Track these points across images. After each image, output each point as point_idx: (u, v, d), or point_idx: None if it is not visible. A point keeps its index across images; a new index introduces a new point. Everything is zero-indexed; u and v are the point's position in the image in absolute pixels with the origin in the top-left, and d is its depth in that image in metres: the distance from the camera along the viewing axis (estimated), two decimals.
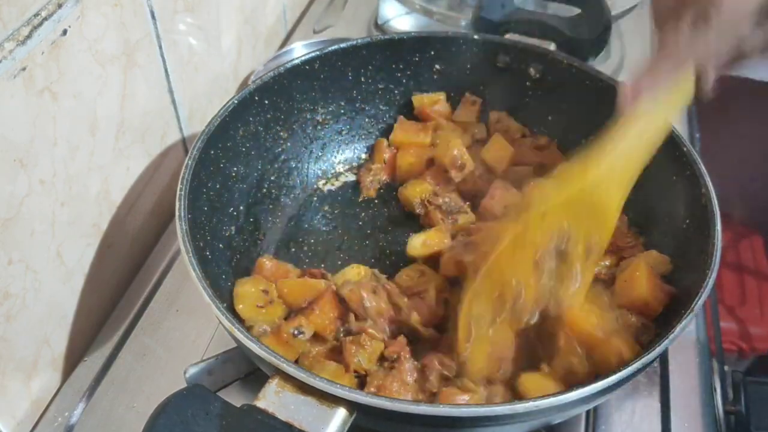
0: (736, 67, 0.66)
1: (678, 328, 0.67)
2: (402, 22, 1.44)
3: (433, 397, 0.71)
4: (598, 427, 0.83)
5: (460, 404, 0.67)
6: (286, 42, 1.42)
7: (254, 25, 1.26)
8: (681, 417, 0.84)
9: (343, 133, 1.08)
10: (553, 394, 0.61)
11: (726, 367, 0.95)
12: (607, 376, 0.63)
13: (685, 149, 0.85)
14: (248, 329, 0.75)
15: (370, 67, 1.04)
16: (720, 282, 1.93)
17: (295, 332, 0.75)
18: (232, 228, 0.91)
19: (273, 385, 0.63)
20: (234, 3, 1.17)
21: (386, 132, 1.09)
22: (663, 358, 0.90)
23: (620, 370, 0.64)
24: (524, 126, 1.05)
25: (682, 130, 1.00)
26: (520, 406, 0.60)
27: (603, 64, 1.36)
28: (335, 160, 1.08)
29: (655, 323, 0.79)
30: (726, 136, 1.90)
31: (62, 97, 0.77)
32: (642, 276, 0.79)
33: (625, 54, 1.41)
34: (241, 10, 1.20)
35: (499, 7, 1.08)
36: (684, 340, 0.93)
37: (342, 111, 1.06)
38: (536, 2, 1.31)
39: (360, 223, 1.02)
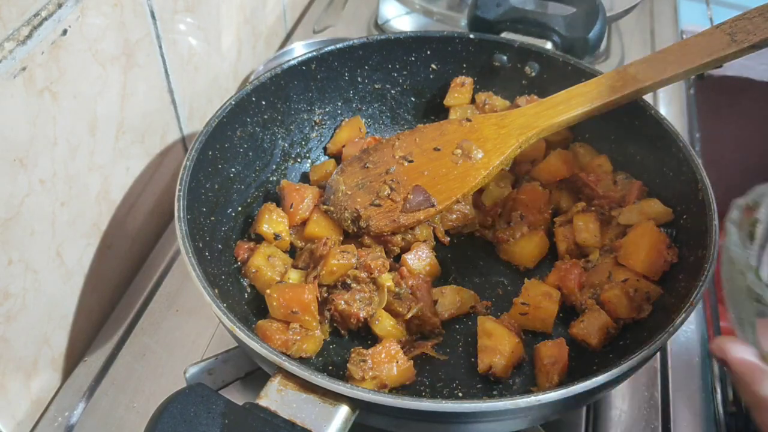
0: None
1: (678, 322, 0.67)
2: (402, 22, 1.44)
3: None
4: (597, 426, 0.83)
5: (462, 400, 0.67)
6: (286, 42, 1.42)
7: (254, 25, 1.26)
8: (681, 417, 0.84)
9: None
10: (554, 390, 0.61)
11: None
12: (607, 370, 0.63)
13: (681, 144, 0.86)
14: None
15: (366, 68, 1.04)
16: (720, 281, 1.93)
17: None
18: (231, 228, 0.91)
19: (275, 383, 0.63)
20: (234, 3, 1.17)
21: (382, 132, 1.09)
22: (663, 359, 0.90)
23: (621, 364, 0.64)
24: (510, 102, 1.05)
25: (681, 130, 1.00)
26: (522, 401, 0.60)
27: (603, 64, 1.36)
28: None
29: (662, 286, 0.82)
30: (726, 136, 1.90)
31: (62, 97, 0.77)
32: (641, 249, 0.83)
33: (624, 54, 1.41)
34: (241, 10, 1.20)
35: (495, 6, 1.08)
36: (684, 340, 0.93)
37: (339, 111, 1.06)
38: (534, 1, 1.31)
39: None
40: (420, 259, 0.89)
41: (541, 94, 0.97)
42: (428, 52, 1.06)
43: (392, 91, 1.08)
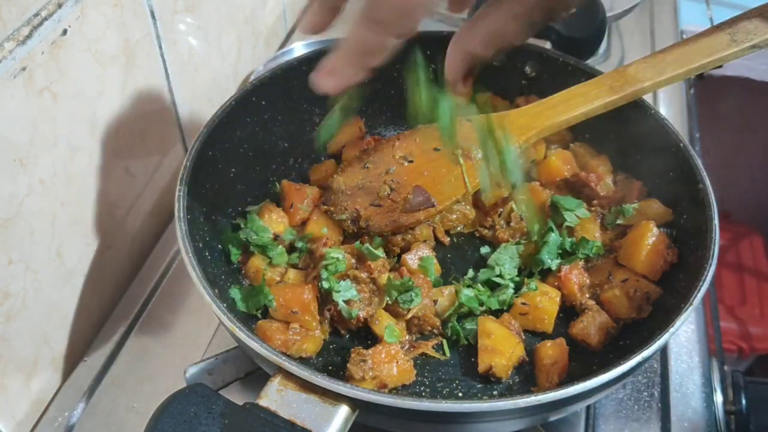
0: None
1: (678, 322, 0.67)
2: None
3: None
4: (597, 426, 0.83)
5: (462, 400, 0.68)
6: (286, 42, 1.42)
7: (254, 25, 1.26)
8: (681, 417, 0.84)
9: None
10: (554, 390, 0.62)
11: (726, 367, 0.95)
12: (607, 370, 0.63)
13: (681, 145, 0.86)
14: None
15: None
16: (720, 282, 1.94)
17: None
18: (231, 228, 0.91)
19: (275, 383, 0.63)
20: (234, 3, 1.17)
21: (382, 132, 1.09)
22: (663, 359, 0.90)
23: (621, 364, 0.64)
24: (510, 102, 1.05)
25: (681, 130, 1.00)
26: (522, 401, 0.60)
27: (603, 64, 1.36)
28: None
29: (662, 286, 0.82)
30: (726, 136, 1.91)
31: (62, 97, 0.77)
32: (641, 249, 0.84)
33: (624, 54, 1.41)
34: (241, 10, 1.20)
35: None
36: (684, 340, 0.93)
37: None
38: None
39: None
40: (420, 259, 0.89)
41: (541, 94, 0.96)
42: (428, 52, 1.05)
43: (392, 91, 1.08)
